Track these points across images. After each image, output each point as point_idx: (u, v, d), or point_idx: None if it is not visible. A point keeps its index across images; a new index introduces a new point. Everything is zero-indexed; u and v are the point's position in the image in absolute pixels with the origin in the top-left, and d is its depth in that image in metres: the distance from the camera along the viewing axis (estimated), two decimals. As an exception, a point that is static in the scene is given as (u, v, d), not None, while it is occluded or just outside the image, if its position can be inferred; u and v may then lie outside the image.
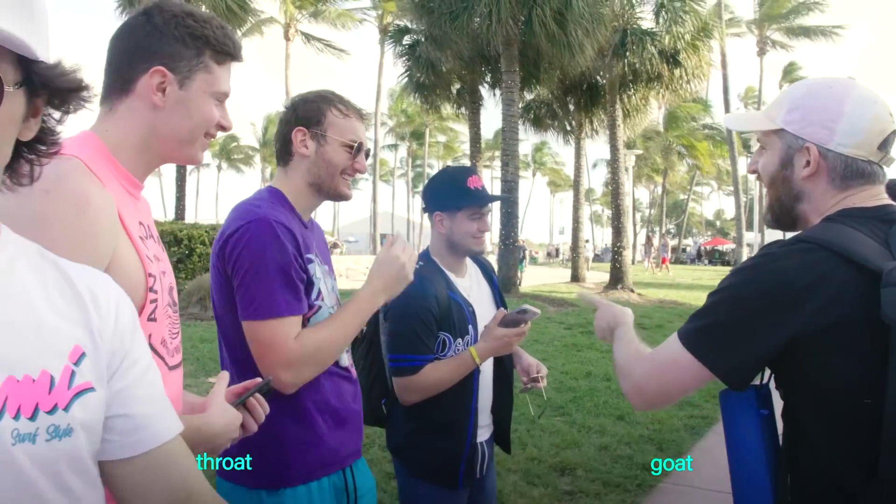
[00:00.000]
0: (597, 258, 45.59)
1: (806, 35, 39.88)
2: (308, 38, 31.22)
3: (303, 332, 1.86)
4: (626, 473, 5.33)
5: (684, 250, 75.60)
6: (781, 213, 1.56)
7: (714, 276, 36.58)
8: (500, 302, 2.76)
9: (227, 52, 1.53)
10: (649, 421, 6.89)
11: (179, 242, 13.75)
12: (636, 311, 1.60)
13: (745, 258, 34.89)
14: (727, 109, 34.81)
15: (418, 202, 74.89)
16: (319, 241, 2.15)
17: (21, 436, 0.80)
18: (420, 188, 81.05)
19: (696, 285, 27.78)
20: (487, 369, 2.63)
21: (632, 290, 20.59)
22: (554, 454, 5.68)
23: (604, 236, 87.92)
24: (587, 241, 29.10)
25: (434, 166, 70.32)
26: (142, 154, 1.48)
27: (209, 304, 11.94)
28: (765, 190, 1.64)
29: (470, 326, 2.54)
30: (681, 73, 18.03)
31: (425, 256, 2.63)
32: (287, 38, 30.58)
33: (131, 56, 1.48)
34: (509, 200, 15.96)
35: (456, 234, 2.57)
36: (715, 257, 67.74)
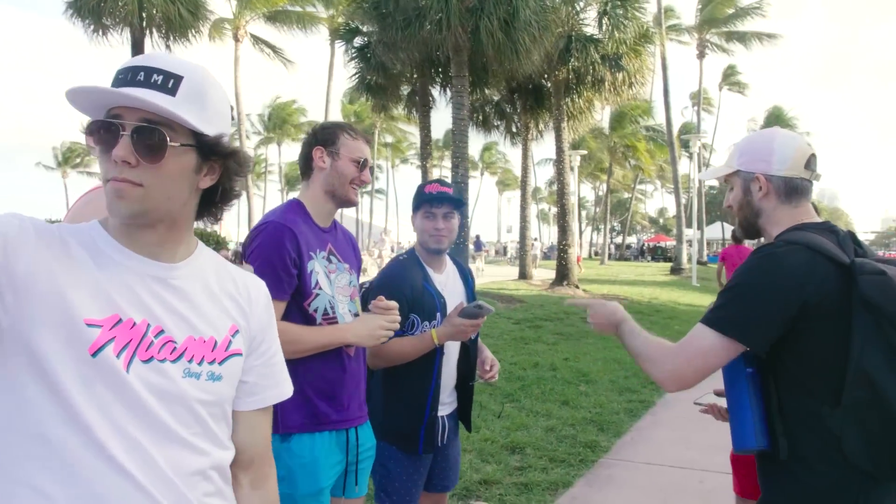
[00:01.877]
0: (545, 256, 46.39)
1: (742, 41, 41.28)
2: (256, 41, 31.01)
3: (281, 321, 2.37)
4: (571, 451, 5.87)
5: (628, 247, 77.06)
6: (748, 227, 2.14)
7: (655, 271, 37.43)
8: (470, 299, 3.19)
9: None
10: (591, 405, 7.46)
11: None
12: (581, 308, 2.04)
13: (685, 254, 36.02)
14: (668, 110, 35.90)
15: (366, 201, 74.77)
16: (343, 242, 2.66)
17: (190, 373, 1.27)
18: (368, 188, 79.21)
19: (638, 281, 28.58)
20: (453, 354, 3.08)
21: (577, 287, 21.26)
22: (505, 436, 6.18)
23: (550, 234, 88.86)
24: (535, 239, 29.71)
25: (382, 167, 70.45)
26: None
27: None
28: (723, 207, 2.22)
29: (438, 314, 2.98)
30: (623, 77, 18.74)
31: (412, 252, 3.12)
32: (237, 40, 30.44)
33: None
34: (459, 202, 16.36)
35: (418, 231, 3.06)
36: (657, 253, 69.28)
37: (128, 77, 1.22)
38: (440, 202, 3.00)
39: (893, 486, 1.84)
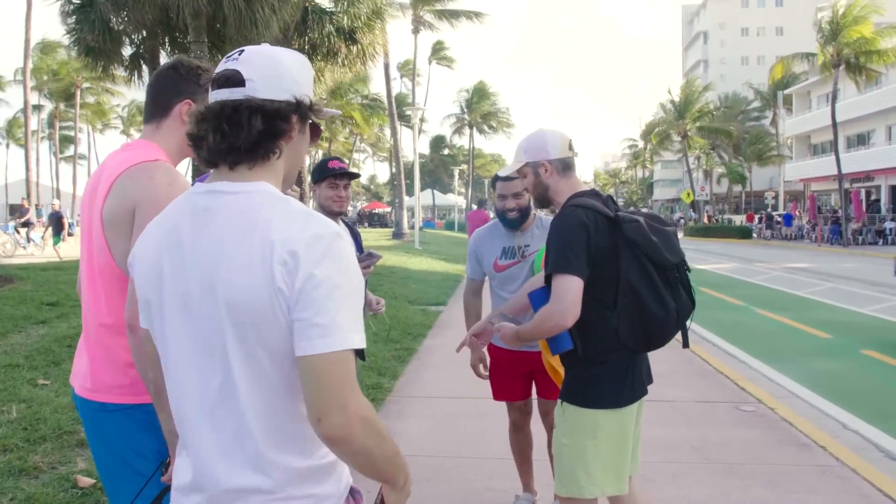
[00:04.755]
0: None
1: (454, 17, 43.99)
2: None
3: None
4: (364, 392, 6.66)
5: (346, 214, 78.76)
6: (542, 199, 2.99)
7: (378, 236, 39.09)
8: (359, 251, 3.91)
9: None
10: (367, 353, 8.30)
11: None
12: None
13: (405, 220, 38.07)
14: (388, 81, 37.63)
15: (67, 169, 68.21)
16: None
17: None
18: (70, 152, 71.67)
19: (364, 246, 29.82)
20: None
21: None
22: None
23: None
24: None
25: (84, 130, 64.71)
26: (178, 153, 2.40)
27: None
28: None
29: None
30: (357, 51, 19.54)
31: None
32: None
33: (169, 92, 2.38)
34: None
35: (321, 198, 3.73)
36: (374, 220, 71.93)
37: None
38: (342, 176, 3.70)
39: (643, 355, 2.90)
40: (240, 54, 1.60)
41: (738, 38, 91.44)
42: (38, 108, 56.71)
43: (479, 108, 66.99)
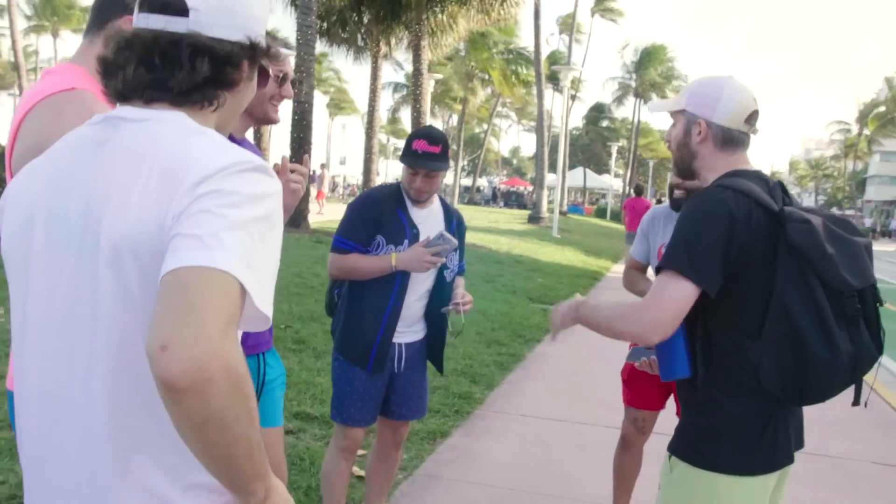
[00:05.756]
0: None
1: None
2: None
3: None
4: (444, 402, 6.48)
5: (479, 190, 79.09)
6: (683, 167, 2.61)
7: (511, 219, 38.67)
8: None
9: None
10: (460, 357, 8.12)
11: None
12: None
13: (545, 202, 37.41)
14: (537, 34, 37.07)
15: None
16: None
17: None
18: None
19: (493, 229, 29.53)
20: (420, 285, 3.61)
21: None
22: (373, 384, 6.70)
23: (388, 169, 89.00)
24: (377, 175, 30.01)
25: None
26: None
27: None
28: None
29: (406, 241, 3.52)
30: (495, -6, 19.35)
31: (398, 183, 3.67)
32: None
33: (110, 6, 2.31)
34: (302, 126, 16.47)
35: (404, 181, 3.59)
36: (511, 199, 71.65)
37: None
38: (414, 164, 3.50)
39: (793, 408, 2.46)
40: None
41: None
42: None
43: (649, 75, 65.09)
